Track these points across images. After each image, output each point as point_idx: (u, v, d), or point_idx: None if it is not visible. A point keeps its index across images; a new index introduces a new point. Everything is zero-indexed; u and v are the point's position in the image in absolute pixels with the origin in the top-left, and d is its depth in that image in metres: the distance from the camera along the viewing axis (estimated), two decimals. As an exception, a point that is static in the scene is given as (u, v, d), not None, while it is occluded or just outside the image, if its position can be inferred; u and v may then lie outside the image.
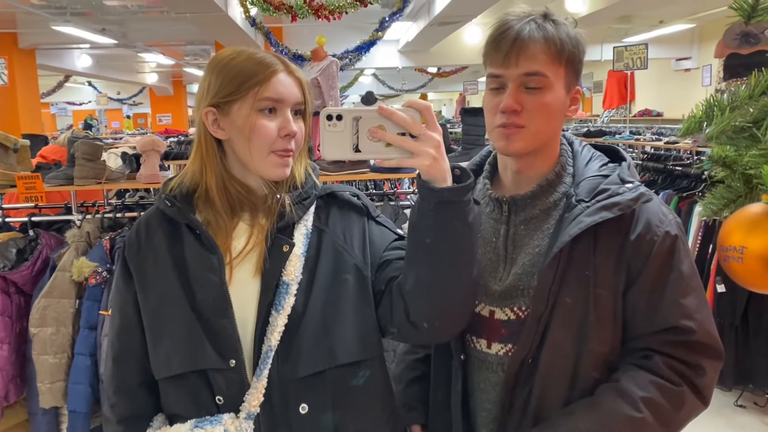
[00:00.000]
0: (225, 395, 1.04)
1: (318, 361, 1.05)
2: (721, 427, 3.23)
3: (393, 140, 0.93)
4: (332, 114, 0.93)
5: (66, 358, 2.63)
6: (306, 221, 1.11)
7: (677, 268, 1.07)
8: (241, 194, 1.09)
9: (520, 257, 1.13)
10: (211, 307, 1.05)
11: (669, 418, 1.05)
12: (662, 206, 1.11)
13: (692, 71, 9.77)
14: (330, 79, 4.82)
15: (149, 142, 2.89)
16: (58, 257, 2.69)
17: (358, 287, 1.09)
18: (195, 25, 6.64)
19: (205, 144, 1.08)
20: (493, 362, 1.15)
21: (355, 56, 6.74)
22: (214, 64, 1.07)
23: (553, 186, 1.13)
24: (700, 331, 1.06)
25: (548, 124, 1.09)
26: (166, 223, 1.12)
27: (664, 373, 1.05)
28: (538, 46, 1.04)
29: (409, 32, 9.28)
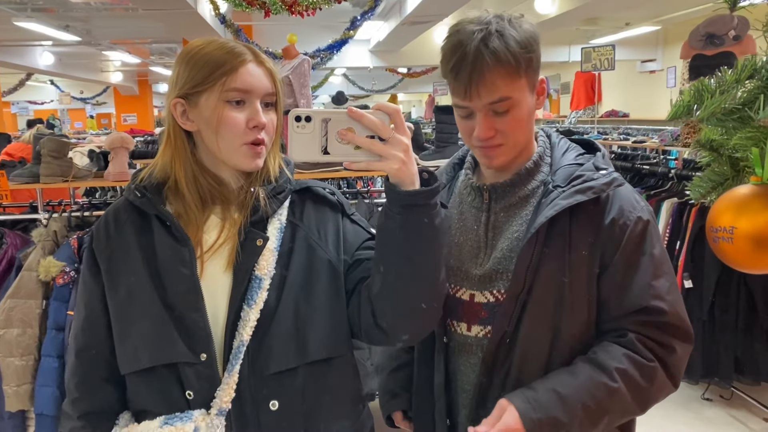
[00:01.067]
0: (195, 390, 1.02)
1: (290, 357, 1.04)
2: (689, 420, 3.30)
3: (362, 143, 0.93)
4: (301, 115, 0.93)
5: (33, 360, 2.56)
6: (280, 216, 1.10)
7: (649, 252, 1.11)
8: (212, 187, 1.07)
9: (499, 243, 1.16)
10: (182, 301, 1.03)
11: (641, 391, 1.08)
12: (635, 194, 1.15)
13: (657, 73, 9.98)
14: (302, 78, 4.78)
15: (118, 139, 2.82)
16: (24, 256, 2.62)
17: (331, 284, 1.08)
18: (163, 22, 6.53)
19: (174, 136, 1.06)
20: (473, 344, 1.18)
21: (326, 55, 6.71)
22: (184, 54, 1.05)
23: (531, 174, 1.18)
24: (671, 313, 1.10)
25: (524, 133, 1.14)
26: (135, 215, 1.09)
27: (637, 348, 1.09)
28: (495, 74, 1.04)
29: (380, 32, 9.29)
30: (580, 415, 1.05)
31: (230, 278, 1.05)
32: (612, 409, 1.08)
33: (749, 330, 3.16)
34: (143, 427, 1.02)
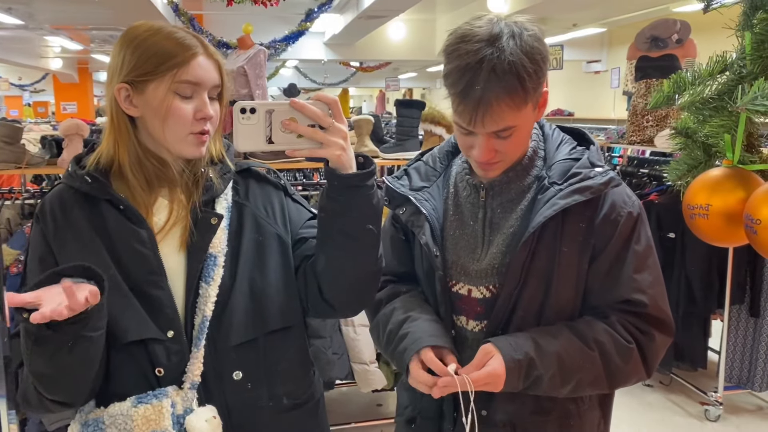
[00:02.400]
0: (165, 366, 1.04)
1: (250, 329, 1.09)
2: (632, 405, 3.47)
3: (304, 132, 0.97)
4: (246, 107, 0.97)
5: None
6: (226, 195, 1.13)
7: (634, 247, 1.14)
8: (157, 169, 1.08)
9: (496, 239, 1.18)
10: (144, 280, 1.05)
11: (614, 367, 1.12)
12: (626, 189, 1.18)
13: (602, 73, 10.31)
14: (257, 68, 4.75)
15: (73, 126, 2.77)
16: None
17: (282, 256, 1.14)
18: (112, 8, 6.35)
19: (117, 120, 1.06)
20: (469, 338, 1.21)
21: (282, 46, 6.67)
22: (130, 38, 1.04)
23: (525, 170, 1.18)
24: (652, 305, 1.13)
25: (521, 150, 1.17)
26: (81, 201, 1.08)
27: (617, 328, 1.13)
28: (503, 106, 1.04)
29: (335, 25, 9.27)
30: (553, 367, 1.09)
31: (183, 257, 1.08)
32: (583, 373, 1.11)
33: (688, 319, 3.33)
34: (114, 409, 1.02)
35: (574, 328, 1.13)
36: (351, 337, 2.73)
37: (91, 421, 1.03)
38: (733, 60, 1.24)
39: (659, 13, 7.14)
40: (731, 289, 3.18)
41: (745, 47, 1.20)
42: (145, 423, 1.00)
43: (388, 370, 2.82)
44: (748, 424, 3.28)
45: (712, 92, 1.20)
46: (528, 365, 1.09)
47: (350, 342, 2.73)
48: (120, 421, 1.01)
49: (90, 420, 1.03)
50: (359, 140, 3.15)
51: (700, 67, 1.27)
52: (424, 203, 1.23)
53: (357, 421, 3.15)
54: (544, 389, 1.12)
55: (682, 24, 3.88)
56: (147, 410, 1.00)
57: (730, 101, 1.17)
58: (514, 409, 1.18)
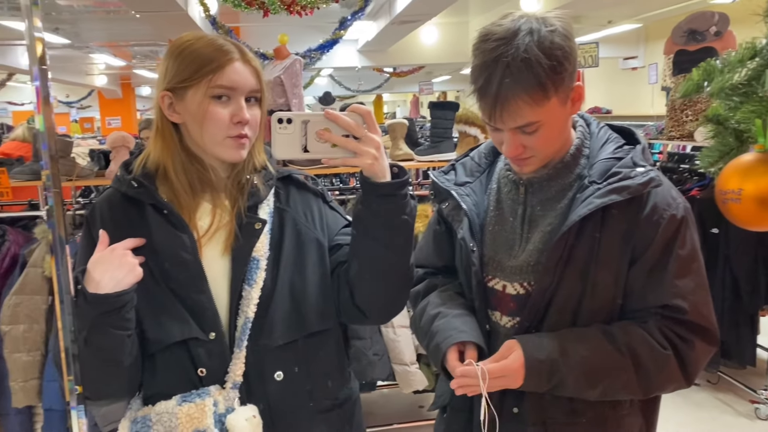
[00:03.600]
0: (207, 367, 1.09)
1: (290, 330, 1.13)
2: (678, 404, 3.40)
3: (338, 141, 1.02)
4: (282, 118, 1.02)
5: (40, 355, 2.59)
6: (269, 201, 1.17)
7: (677, 251, 1.10)
8: (201, 174, 1.12)
9: (534, 236, 1.17)
10: (185, 284, 1.09)
11: (647, 374, 1.09)
12: (672, 190, 1.14)
13: (639, 69, 10.13)
14: (293, 78, 4.82)
15: (119, 138, 2.87)
16: (28, 253, 2.65)
17: (320, 260, 1.17)
18: (152, 24, 6.55)
19: (163, 127, 1.11)
20: (502, 333, 1.21)
21: (316, 55, 6.76)
22: (174, 48, 1.09)
23: (568, 168, 1.17)
24: (692, 312, 1.10)
25: (553, 146, 1.14)
26: (127, 204, 1.12)
27: (655, 334, 1.10)
28: (520, 102, 1.04)
29: (368, 31, 9.34)
30: (577, 370, 1.08)
31: (227, 261, 1.12)
32: (612, 379, 1.09)
33: (734, 316, 3.26)
34: (161, 407, 1.07)
35: (608, 332, 1.11)
36: (391, 338, 2.75)
37: (140, 418, 1.08)
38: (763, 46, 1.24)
39: (696, 6, 7.00)
40: (779, 285, 3.11)
41: (773, 33, 1.21)
42: (188, 421, 1.05)
43: (429, 371, 2.83)
44: (801, 423, 3.19)
45: (741, 78, 1.21)
46: (551, 366, 1.08)
47: (390, 343, 2.76)
48: (165, 419, 1.05)
49: (138, 417, 1.08)
50: (393, 144, 3.18)
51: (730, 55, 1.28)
52: (465, 198, 1.25)
53: (399, 423, 3.18)
54: (570, 392, 1.11)
55: (720, 16, 3.80)
56: (190, 408, 1.05)
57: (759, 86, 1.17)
58: (546, 409, 1.17)
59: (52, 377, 2.56)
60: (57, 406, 2.56)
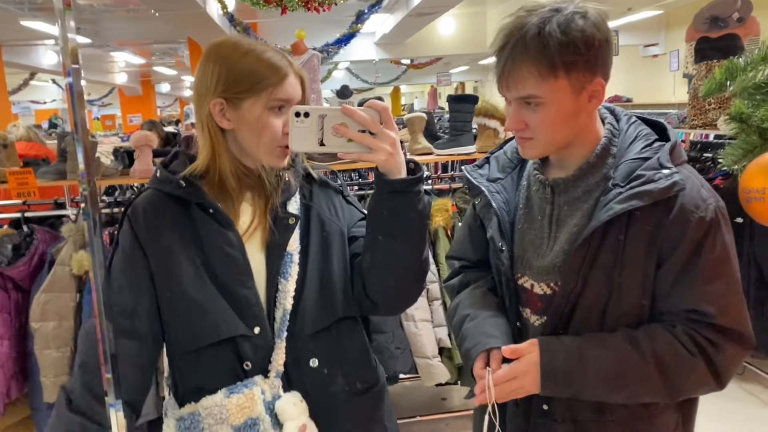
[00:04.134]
0: (252, 360, 1.13)
1: (322, 318, 1.17)
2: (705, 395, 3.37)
3: (354, 136, 1.04)
4: (300, 111, 1.04)
5: (69, 351, 2.64)
6: (296, 198, 1.22)
7: (707, 254, 1.07)
8: (244, 176, 1.18)
9: (561, 236, 1.16)
10: (233, 280, 1.13)
11: (673, 380, 1.07)
12: (702, 190, 1.09)
13: (660, 57, 9.99)
14: (312, 72, 4.84)
15: (143, 138, 2.91)
16: (56, 251, 2.70)
17: (344, 251, 1.22)
18: (171, 22, 6.60)
19: (214, 132, 1.14)
20: (531, 332, 1.22)
21: (334, 49, 6.77)
22: (222, 56, 1.12)
23: (594, 168, 1.14)
24: (721, 316, 1.07)
25: (557, 133, 1.11)
26: (172, 204, 1.16)
27: (682, 339, 1.08)
28: (524, 71, 1.05)
29: (385, 24, 9.33)
30: (595, 378, 1.08)
31: (263, 256, 1.16)
32: (636, 385, 1.09)
33: (760, 304, 3.22)
34: (207, 402, 1.10)
35: (632, 338, 1.10)
36: (412, 332, 2.77)
37: (187, 416, 1.11)
38: None
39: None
40: (806, 274, 3.06)
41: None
42: (239, 411, 1.08)
43: (451, 365, 2.84)
44: (830, 414, 3.15)
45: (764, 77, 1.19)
46: (567, 374, 1.08)
47: (412, 337, 2.77)
48: (216, 412, 1.09)
49: (185, 415, 1.12)
50: (412, 137, 3.18)
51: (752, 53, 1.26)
52: (495, 196, 1.25)
53: (422, 415, 3.20)
54: (593, 397, 1.11)
55: (743, 1, 3.74)
56: (240, 399, 1.09)
57: None
58: (575, 406, 1.17)
59: (81, 372, 2.62)
60: (86, 401, 2.61)
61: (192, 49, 8.59)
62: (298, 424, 1.12)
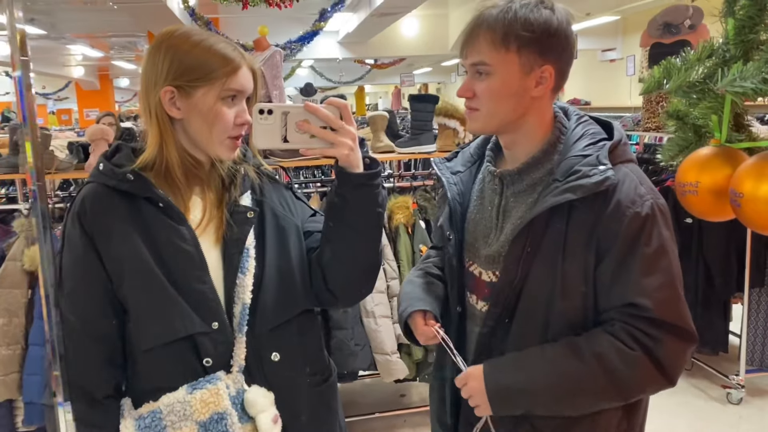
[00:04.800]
0: (213, 356, 1.12)
1: (282, 312, 1.18)
2: (653, 389, 3.48)
3: (317, 132, 1.07)
4: (264, 109, 1.06)
5: (20, 349, 2.58)
6: (247, 193, 1.22)
7: (642, 248, 1.10)
8: (194, 168, 1.16)
9: (506, 226, 1.21)
10: (186, 276, 1.11)
11: (619, 377, 1.09)
12: (640, 187, 1.13)
13: (617, 61, 10.24)
14: (274, 69, 4.81)
15: (98, 131, 2.85)
16: (7, 247, 2.64)
17: (300, 243, 1.23)
18: (131, 15, 6.48)
19: (163, 121, 1.12)
20: (478, 316, 1.27)
21: (297, 47, 6.75)
22: (174, 45, 1.10)
23: (539, 162, 1.19)
24: (658, 309, 1.08)
25: (500, 106, 1.15)
26: (118, 199, 1.12)
27: (620, 336, 1.10)
28: (480, 38, 1.13)
29: (349, 23, 9.32)
30: (541, 390, 1.12)
31: (219, 251, 1.15)
32: (584, 393, 1.11)
33: (707, 303, 3.34)
34: (168, 399, 1.09)
35: (573, 344, 1.13)
36: (372, 329, 2.79)
37: (147, 414, 1.10)
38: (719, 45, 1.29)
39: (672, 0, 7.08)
40: (750, 272, 3.18)
41: (728, 33, 1.26)
42: (204, 406, 1.08)
43: (410, 361, 2.87)
44: (771, 407, 3.28)
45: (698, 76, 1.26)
46: (515, 398, 1.14)
47: (372, 333, 2.79)
48: (178, 408, 1.08)
49: (144, 414, 1.10)
50: (375, 136, 3.20)
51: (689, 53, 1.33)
52: (452, 187, 1.31)
53: (381, 411, 3.21)
54: (546, 412, 1.15)
55: (695, 9, 3.86)
56: (204, 395, 1.08)
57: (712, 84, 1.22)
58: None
59: (32, 371, 2.56)
60: (37, 399, 2.56)
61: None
62: (271, 415, 1.13)
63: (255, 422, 1.13)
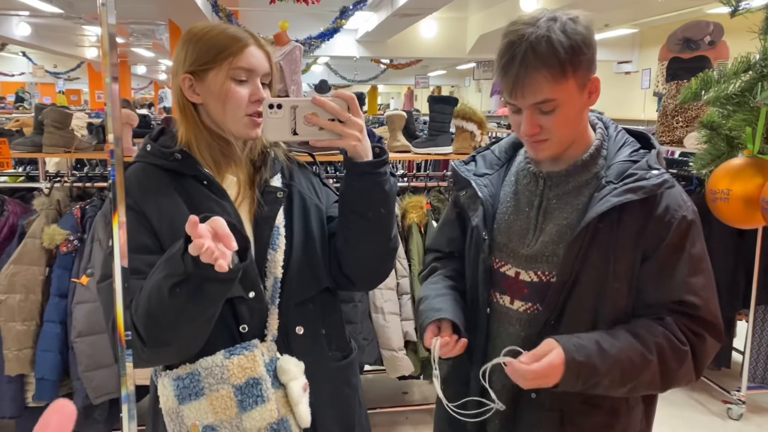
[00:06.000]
0: (249, 324, 1.18)
1: (308, 288, 1.24)
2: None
3: (325, 125, 1.12)
4: (273, 103, 1.11)
5: (35, 325, 2.63)
6: (277, 176, 1.28)
7: (689, 250, 1.16)
8: (224, 149, 1.22)
9: (548, 227, 1.24)
10: None
11: (669, 370, 1.14)
12: (683, 194, 1.20)
13: (632, 74, 10.25)
14: (293, 64, 4.84)
15: (124, 116, 2.89)
16: (27, 224, 2.68)
17: (323, 225, 1.29)
18: (153, 2, 6.52)
19: (184, 107, 1.19)
20: (513, 317, 1.28)
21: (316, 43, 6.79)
22: (191, 35, 1.18)
23: (586, 166, 1.23)
24: (704, 308, 1.15)
25: (570, 131, 1.19)
26: (163, 175, 1.19)
27: (674, 330, 1.15)
28: (540, 77, 1.10)
29: (369, 22, 9.35)
30: (614, 372, 1.12)
31: (251, 228, 1.21)
32: (641, 377, 1.14)
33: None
34: (206, 362, 1.13)
35: (636, 333, 1.16)
36: (381, 324, 2.82)
37: (185, 374, 1.14)
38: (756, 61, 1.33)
39: (692, 15, 7.09)
40: (757, 290, 3.20)
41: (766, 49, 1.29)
42: (240, 371, 1.13)
43: (416, 358, 2.90)
44: (771, 424, 3.30)
45: (735, 89, 1.29)
46: (590, 369, 1.12)
47: (380, 329, 2.83)
48: (216, 372, 1.13)
49: (183, 374, 1.14)
50: (392, 135, 3.23)
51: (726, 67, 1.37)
52: (482, 188, 1.33)
53: (384, 407, 3.26)
54: (601, 391, 1.16)
55: (715, 26, 3.88)
56: (241, 360, 1.14)
57: (751, 97, 1.26)
58: (564, 396, 1.20)
59: (45, 347, 2.60)
60: (49, 376, 2.59)
61: (172, 31, 8.48)
62: (301, 383, 1.19)
63: (286, 389, 1.18)
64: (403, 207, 2.99)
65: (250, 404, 1.13)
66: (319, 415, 1.23)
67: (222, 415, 1.12)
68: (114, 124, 0.87)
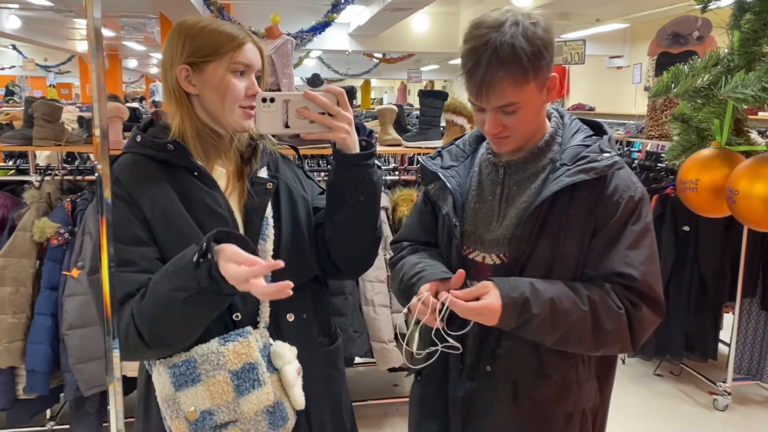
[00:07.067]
0: (242, 312, 1.21)
1: (298, 276, 1.23)
2: (642, 393, 3.55)
3: (316, 118, 1.16)
4: (266, 97, 1.15)
5: (25, 318, 2.64)
6: (263, 168, 1.31)
7: (632, 227, 1.24)
8: (214, 140, 1.25)
9: (510, 212, 1.30)
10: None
11: (601, 328, 1.20)
12: (632, 176, 1.28)
13: (623, 69, 10.29)
14: (284, 57, 4.85)
15: (114, 109, 2.90)
16: (17, 217, 2.68)
17: (309, 215, 1.33)
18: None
19: (180, 97, 1.21)
20: None
21: (308, 36, 6.78)
22: (187, 29, 1.21)
23: (542, 152, 1.31)
24: (642, 281, 1.22)
25: (531, 127, 1.27)
26: (154, 167, 1.20)
27: (610, 294, 1.22)
28: (504, 83, 1.16)
29: (361, 16, 9.34)
30: (545, 310, 1.18)
31: (241, 219, 1.24)
32: (572, 325, 1.19)
33: (699, 310, 3.40)
34: (202, 349, 1.16)
35: (571, 285, 1.24)
36: (371, 317, 2.84)
37: (180, 362, 1.16)
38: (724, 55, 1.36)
39: (682, 10, 7.13)
40: (743, 282, 3.24)
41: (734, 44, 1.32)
42: (236, 357, 1.16)
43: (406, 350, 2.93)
44: (755, 414, 3.35)
45: (704, 82, 1.33)
46: (523, 304, 1.18)
47: (370, 321, 2.85)
48: (212, 358, 1.15)
49: (179, 362, 1.16)
50: (382, 129, 3.25)
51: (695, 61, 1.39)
52: (450, 179, 1.38)
53: (374, 399, 3.28)
54: (534, 332, 1.20)
55: (704, 21, 3.91)
56: (236, 346, 1.17)
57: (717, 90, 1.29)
58: (517, 369, 1.30)
59: (36, 340, 2.61)
60: (40, 368, 2.60)
61: (163, 25, 8.46)
62: (295, 367, 1.22)
63: (279, 374, 1.21)
64: (393, 200, 3.01)
65: (246, 388, 1.16)
66: (311, 397, 1.27)
67: (219, 400, 1.15)
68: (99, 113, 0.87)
